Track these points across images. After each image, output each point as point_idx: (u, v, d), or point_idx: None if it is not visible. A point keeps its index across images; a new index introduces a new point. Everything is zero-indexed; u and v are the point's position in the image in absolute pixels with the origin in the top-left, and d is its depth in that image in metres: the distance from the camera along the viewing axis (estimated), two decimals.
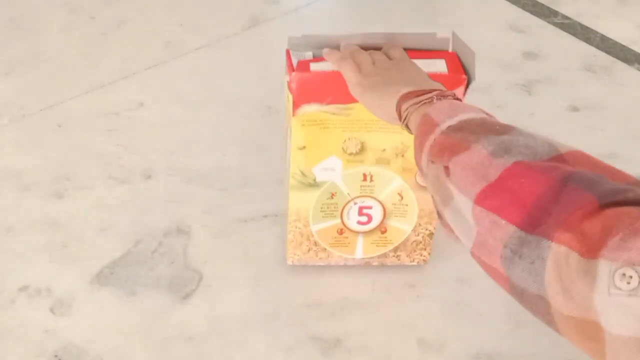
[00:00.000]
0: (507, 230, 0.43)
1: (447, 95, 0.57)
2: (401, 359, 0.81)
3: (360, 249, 0.87)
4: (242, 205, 0.98)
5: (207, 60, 1.26)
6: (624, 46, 1.32)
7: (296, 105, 0.73)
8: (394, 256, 0.89)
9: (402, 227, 0.86)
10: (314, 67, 0.72)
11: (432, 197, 0.54)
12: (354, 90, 0.67)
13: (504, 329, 0.84)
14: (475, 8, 1.44)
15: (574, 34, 1.36)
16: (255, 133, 1.10)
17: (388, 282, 0.89)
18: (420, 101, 0.57)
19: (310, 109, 0.73)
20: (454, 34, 0.75)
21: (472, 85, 0.73)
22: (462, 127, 0.51)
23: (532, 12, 1.41)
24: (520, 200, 0.43)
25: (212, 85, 1.20)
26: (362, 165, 0.79)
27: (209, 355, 0.80)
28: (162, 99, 1.17)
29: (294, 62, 0.73)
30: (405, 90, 0.60)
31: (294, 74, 0.71)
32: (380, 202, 0.83)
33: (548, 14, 1.41)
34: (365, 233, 0.86)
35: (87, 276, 0.88)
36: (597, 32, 1.36)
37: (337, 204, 0.82)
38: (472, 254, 0.48)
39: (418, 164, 0.56)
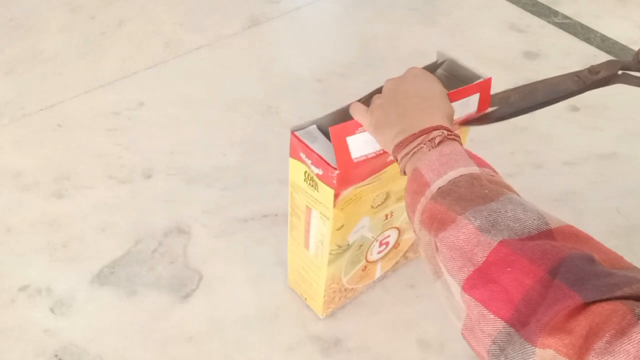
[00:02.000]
0: (495, 325, 0.43)
1: (439, 138, 0.55)
2: (401, 359, 0.81)
3: (379, 270, 0.87)
4: (242, 205, 0.98)
5: (207, 60, 1.26)
6: (624, 46, 1.32)
7: (337, 196, 0.67)
8: (403, 258, 0.89)
9: (412, 235, 0.85)
10: (355, 152, 0.64)
11: (425, 263, 0.52)
12: (369, 131, 0.63)
13: None
14: (475, 8, 1.44)
15: (574, 34, 1.36)
16: (255, 133, 1.10)
17: (388, 282, 0.89)
18: (412, 150, 0.55)
19: (347, 192, 0.68)
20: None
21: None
22: (450, 191, 0.50)
23: (532, 12, 1.41)
24: (508, 294, 0.42)
25: (212, 85, 1.20)
26: (384, 209, 0.77)
27: (209, 355, 0.80)
28: (162, 99, 1.17)
29: (316, 148, 0.66)
30: (397, 138, 0.57)
31: (337, 173, 0.64)
32: (397, 228, 0.83)
33: (548, 14, 1.41)
34: (382, 257, 0.85)
35: (87, 276, 0.88)
36: (597, 32, 1.36)
37: (363, 250, 0.80)
38: (462, 334, 0.48)
39: (411, 221, 0.54)
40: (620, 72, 0.64)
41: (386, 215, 0.78)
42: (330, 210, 0.69)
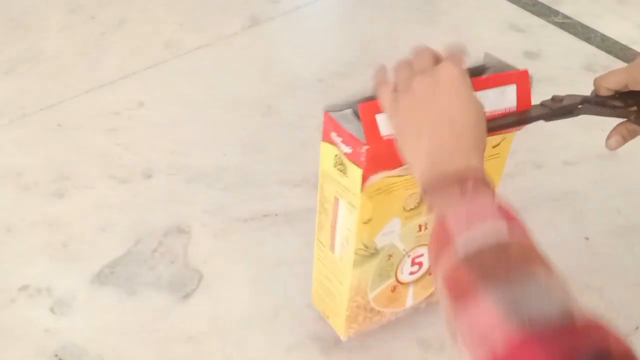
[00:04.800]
0: None
1: (471, 186, 0.52)
2: (401, 359, 0.81)
3: (411, 298, 0.81)
4: (242, 205, 0.98)
5: (207, 60, 1.26)
6: (624, 46, 1.32)
7: (365, 179, 0.64)
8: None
9: None
10: (384, 129, 0.62)
11: (444, 319, 0.51)
12: (392, 131, 0.60)
13: None
14: (475, 7, 1.44)
15: (575, 34, 1.36)
16: (255, 133, 1.10)
17: None
18: (440, 195, 0.53)
19: (377, 178, 0.65)
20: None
21: None
22: (476, 259, 0.49)
23: (532, 12, 1.41)
24: None
25: (212, 85, 1.20)
26: (418, 217, 0.72)
27: (209, 355, 0.80)
28: (162, 99, 1.17)
29: (349, 128, 0.63)
30: (426, 173, 0.54)
31: (365, 148, 0.61)
32: None
33: (548, 14, 1.41)
34: (415, 281, 0.79)
35: (87, 276, 0.88)
36: (597, 32, 1.36)
37: (393, 263, 0.75)
38: None
39: (433, 273, 0.53)
40: (580, 105, 0.68)
41: (420, 227, 0.73)
42: (358, 197, 0.66)
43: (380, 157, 0.63)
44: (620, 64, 1.27)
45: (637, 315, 0.86)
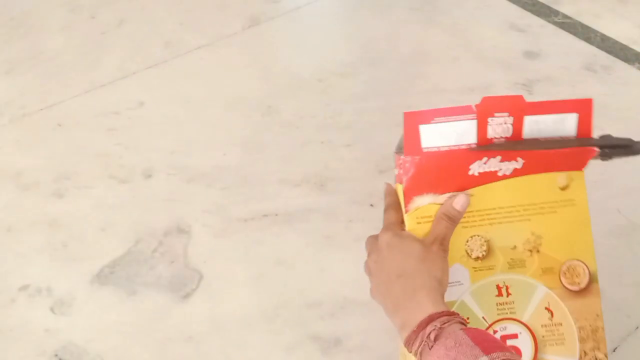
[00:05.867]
0: None
1: (434, 334, 0.55)
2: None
3: None
4: (242, 204, 0.98)
5: (207, 60, 1.26)
6: (624, 45, 1.32)
7: (407, 197, 0.61)
8: None
9: None
10: (426, 141, 0.60)
11: None
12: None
13: None
14: (475, 7, 1.44)
15: (575, 34, 1.36)
16: (255, 133, 1.10)
17: None
18: (418, 350, 0.56)
19: (423, 202, 0.61)
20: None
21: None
22: None
23: (532, 12, 1.41)
24: None
25: (212, 85, 1.20)
26: (493, 274, 0.63)
27: (209, 355, 0.80)
28: (162, 99, 1.17)
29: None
30: (402, 334, 0.59)
31: (402, 158, 0.60)
32: (527, 327, 0.63)
33: (548, 13, 1.41)
34: None
35: (87, 275, 0.88)
36: (597, 32, 1.36)
37: None
38: None
39: None
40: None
41: (498, 288, 0.63)
42: (406, 220, 0.62)
43: (423, 174, 0.61)
44: (620, 64, 1.27)
45: (637, 315, 0.86)
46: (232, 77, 1.22)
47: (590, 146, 0.65)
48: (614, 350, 0.82)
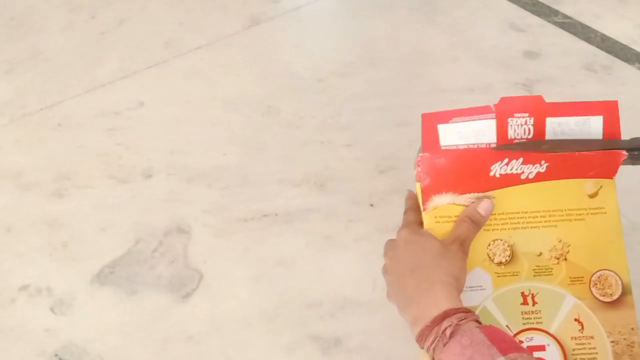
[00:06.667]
0: None
1: (449, 330, 0.54)
2: (401, 359, 0.81)
3: None
4: (242, 204, 0.98)
5: (207, 60, 1.26)
6: (624, 45, 1.32)
7: (426, 196, 0.60)
8: None
9: None
10: (444, 140, 0.59)
11: None
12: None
13: None
14: (475, 7, 1.44)
15: (575, 33, 1.36)
16: (255, 133, 1.10)
17: None
18: (431, 346, 0.56)
19: (442, 201, 0.60)
20: None
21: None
22: None
23: (532, 12, 1.41)
24: None
25: (212, 85, 1.20)
26: (518, 281, 0.61)
27: (209, 355, 0.80)
28: (162, 99, 1.17)
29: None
30: (414, 330, 0.58)
31: (421, 155, 0.59)
32: (555, 338, 0.59)
33: (548, 13, 1.41)
34: None
35: (87, 275, 0.88)
36: (597, 32, 1.36)
37: None
38: None
39: None
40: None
41: (524, 296, 0.60)
42: (424, 219, 0.61)
43: (443, 173, 0.59)
44: (620, 64, 1.27)
45: (637, 315, 0.86)
46: (232, 77, 1.22)
47: (619, 149, 0.63)
48: None
